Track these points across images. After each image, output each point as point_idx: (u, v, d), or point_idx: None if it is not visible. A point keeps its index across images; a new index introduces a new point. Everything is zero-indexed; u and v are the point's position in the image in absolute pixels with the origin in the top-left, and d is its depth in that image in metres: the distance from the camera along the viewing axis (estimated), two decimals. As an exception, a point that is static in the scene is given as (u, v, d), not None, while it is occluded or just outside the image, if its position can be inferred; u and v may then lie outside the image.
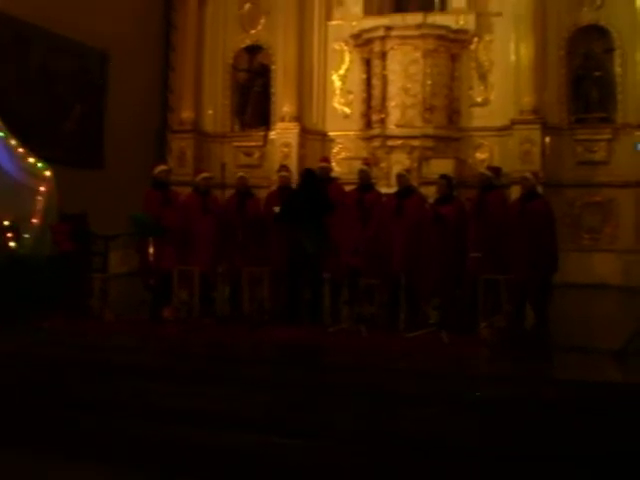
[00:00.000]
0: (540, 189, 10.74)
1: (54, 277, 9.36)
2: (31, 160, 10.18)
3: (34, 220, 9.74)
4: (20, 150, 10.13)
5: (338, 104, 17.43)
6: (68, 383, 6.99)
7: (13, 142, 10.12)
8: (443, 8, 16.81)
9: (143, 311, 9.36)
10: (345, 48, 17.35)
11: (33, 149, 10.34)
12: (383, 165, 15.98)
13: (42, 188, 10.02)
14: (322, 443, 5.80)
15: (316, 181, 9.53)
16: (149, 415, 6.41)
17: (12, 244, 9.37)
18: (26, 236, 9.66)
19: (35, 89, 14.02)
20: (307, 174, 9.64)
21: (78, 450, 6.23)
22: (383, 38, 16.20)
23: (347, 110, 17.32)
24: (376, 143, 16.30)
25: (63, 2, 14.15)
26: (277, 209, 9.56)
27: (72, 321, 8.95)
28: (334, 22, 17.49)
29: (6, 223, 9.46)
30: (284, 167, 11.57)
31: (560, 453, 5.39)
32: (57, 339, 8.12)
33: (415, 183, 12.04)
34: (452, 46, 16.36)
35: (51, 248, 9.69)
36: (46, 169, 10.20)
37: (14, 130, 10.26)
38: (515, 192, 11.81)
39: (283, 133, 17.06)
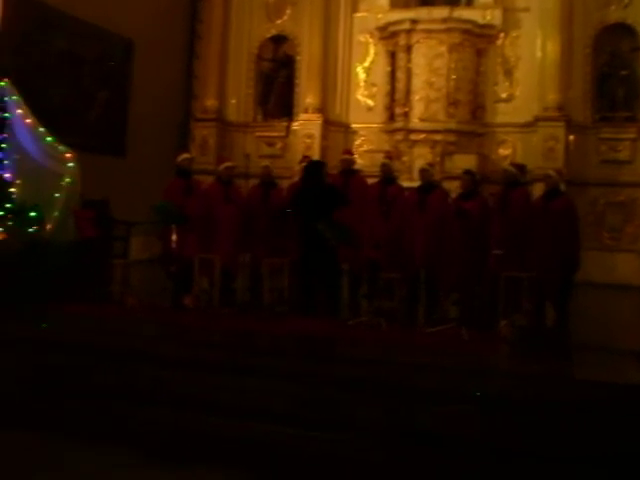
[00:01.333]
0: (563, 187, 10.66)
1: (76, 262, 9.40)
2: (56, 145, 10.21)
3: (58, 205, 9.77)
4: (45, 135, 10.16)
5: (362, 96, 17.39)
6: (87, 369, 7.03)
7: (39, 127, 10.15)
8: (470, 3, 16.73)
9: (164, 298, 9.39)
10: (370, 40, 17.29)
11: (57, 135, 10.36)
12: (405, 159, 15.92)
13: (66, 173, 10.05)
14: (339, 436, 5.81)
15: (322, 174, 9.56)
16: (166, 402, 6.44)
17: (35, 229, 9.40)
18: (49, 221, 9.69)
19: (60, 75, 14.05)
20: (311, 167, 9.67)
21: (95, 435, 6.27)
22: (409, 31, 16.14)
23: (370, 102, 17.27)
24: (399, 136, 16.25)
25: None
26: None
27: (93, 307, 8.98)
28: (360, 14, 17.43)
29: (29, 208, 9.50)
30: (306, 158, 11.58)
31: (578, 453, 5.37)
32: (77, 325, 8.15)
33: (437, 178, 12.01)
34: (478, 41, 16.28)
35: (74, 234, 9.71)
36: (70, 154, 10.22)
37: (38, 116, 10.29)
38: (538, 189, 11.73)
39: (306, 124, 17.04)
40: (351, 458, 5.67)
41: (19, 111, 10.08)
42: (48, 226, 9.64)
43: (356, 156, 14.63)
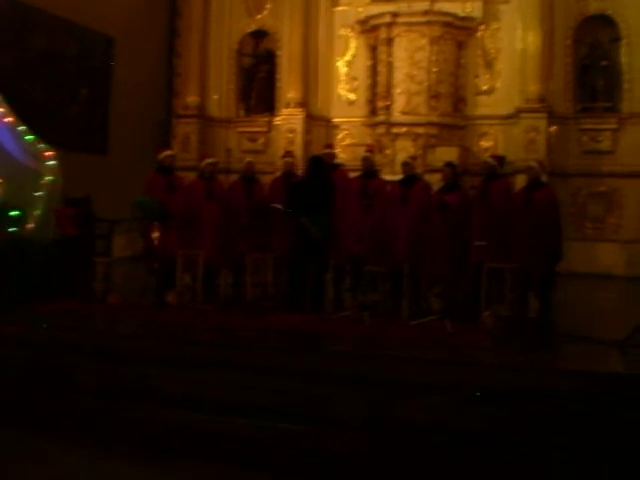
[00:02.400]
0: (545, 178, 10.70)
1: (58, 261, 9.36)
2: (36, 144, 10.16)
3: (39, 203, 9.73)
4: (26, 134, 10.11)
5: (343, 90, 17.42)
6: (70, 367, 7.01)
7: (19, 126, 10.10)
8: (450, -5, 16.74)
9: (147, 295, 9.36)
10: (351, 34, 17.32)
11: (38, 133, 10.32)
12: (388, 152, 15.96)
13: (47, 171, 10.01)
14: (324, 430, 5.81)
15: (325, 169, 9.52)
16: (151, 400, 6.43)
17: (16, 228, 9.36)
18: (30, 220, 9.65)
19: (39, 73, 14.01)
20: (316, 162, 9.60)
21: (78, 433, 6.26)
22: (389, 25, 16.17)
23: (352, 96, 17.31)
24: (381, 130, 16.28)
25: (68, -15, 14.15)
26: (278, 206, 9.51)
27: (75, 305, 8.95)
28: (340, 8, 17.45)
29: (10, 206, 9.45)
30: (288, 153, 11.58)
31: (561, 442, 5.40)
32: (60, 323, 8.11)
33: (420, 171, 12.02)
34: (458, 33, 16.33)
35: (55, 232, 9.67)
36: (51, 153, 10.18)
37: (19, 114, 10.24)
38: (520, 181, 11.79)
39: (288, 119, 17.07)
40: (336, 451, 5.67)
41: (-1, 110, 10.05)
42: (29, 225, 9.60)
43: (339, 150, 14.73)
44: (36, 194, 9.80)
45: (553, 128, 15.38)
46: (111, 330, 8.05)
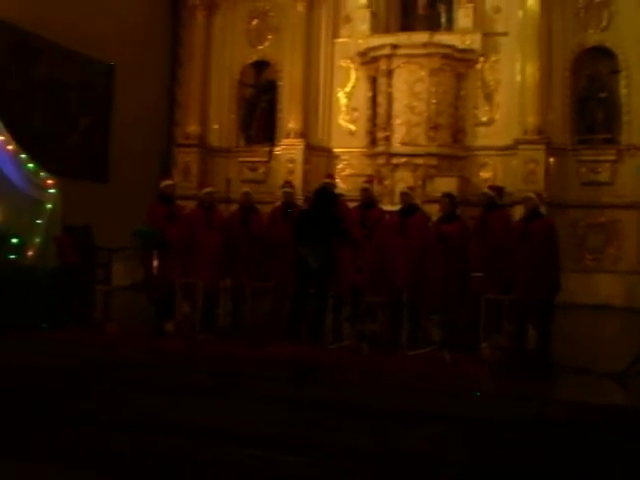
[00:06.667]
0: (543, 209, 10.74)
1: (57, 289, 9.37)
2: (37, 172, 10.21)
3: (39, 231, 9.76)
4: (27, 162, 10.16)
5: (343, 121, 17.51)
6: (68, 395, 6.99)
7: (20, 154, 10.15)
8: (450, 28, 16.88)
9: (146, 324, 9.36)
10: (351, 65, 17.45)
11: (38, 161, 10.37)
12: (387, 182, 16.01)
13: (47, 200, 10.05)
14: (324, 460, 5.79)
15: (329, 199, 9.54)
16: (149, 428, 6.41)
17: (16, 255, 9.38)
18: (30, 247, 9.67)
19: (41, 101, 14.10)
20: (320, 192, 9.63)
21: (76, 462, 6.22)
22: (389, 56, 16.28)
23: (352, 127, 17.39)
24: (381, 160, 16.34)
25: (69, 14, 14.25)
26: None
27: (75, 333, 8.95)
28: (341, 39, 17.59)
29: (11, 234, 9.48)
30: (288, 183, 11.62)
31: (559, 472, 5.38)
32: (59, 350, 8.11)
33: (419, 201, 12.06)
34: (458, 65, 16.44)
35: (55, 260, 9.69)
36: (52, 181, 10.22)
37: (19, 142, 10.29)
38: (519, 212, 11.81)
39: (288, 149, 17.15)
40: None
41: (0, 138, 10.09)
42: (29, 252, 9.62)
43: (338, 180, 14.77)
44: (37, 222, 9.84)
45: (552, 160, 15.45)
46: (108, 358, 8.03)
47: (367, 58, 16.90)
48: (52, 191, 10.13)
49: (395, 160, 16.15)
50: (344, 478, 5.67)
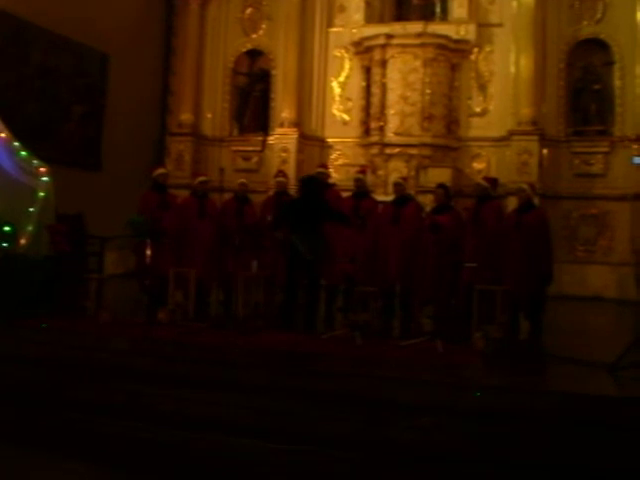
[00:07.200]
0: (536, 200, 10.77)
1: (50, 277, 9.35)
2: (30, 159, 10.17)
3: (32, 219, 9.72)
4: (20, 149, 10.12)
5: (337, 111, 17.49)
6: (61, 383, 6.99)
7: (13, 141, 10.11)
8: (444, 18, 16.88)
9: (139, 313, 9.35)
10: (345, 55, 17.43)
11: (31, 149, 10.33)
12: (381, 173, 16.00)
13: (40, 188, 10.01)
14: (314, 449, 5.80)
15: (317, 188, 9.52)
16: (141, 417, 6.41)
17: (8, 244, 9.35)
18: (23, 235, 9.64)
19: (34, 89, 14.04)
20: (308, 181, 9.61)
21: (66, 450, 6.22)
22: (383, 46, 16.26)
23: (346, 117, 17.38)
24: (374, 150, 16.33)
25: (63, 2, 14.19)
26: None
27: (67, 321, 8.93)
28: (335, 29, 17.56)
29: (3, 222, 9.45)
30: (281, 172, 11.63)
31: (550, 463, 5.40)
32: (51, 339, 8.10)
33: (412, 191, 12.07)
34: (452, 56, 16.42)
35: (48, 248, 9.66)
36: (45, 169, 10.19)
37: (13, 129, 10.25)
38: (512, 203, 11.84)
39: (282, 138, 17.12)
40: (324, 471, 5.66)
41: (-7, 125, 10.06)
42: (22, 241, 9.59)
43: (332, 170, 14.76)
44: (29, 210, 9.79)
45: (545, 151, 15.46)
46: (101, 347, 8.02)
47: (361, 48, 16.87)
48: (45, 179, 10.08)
49: (389, 150, 16.15)
50: (336, 467, 5.68)
